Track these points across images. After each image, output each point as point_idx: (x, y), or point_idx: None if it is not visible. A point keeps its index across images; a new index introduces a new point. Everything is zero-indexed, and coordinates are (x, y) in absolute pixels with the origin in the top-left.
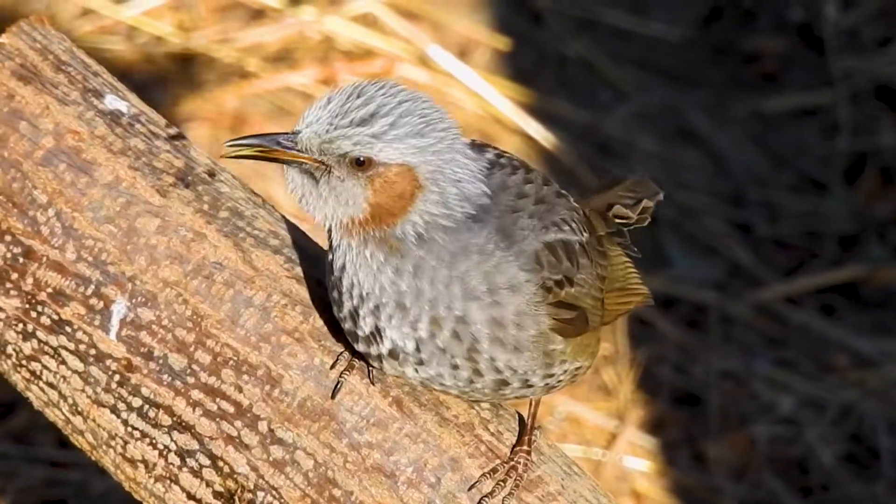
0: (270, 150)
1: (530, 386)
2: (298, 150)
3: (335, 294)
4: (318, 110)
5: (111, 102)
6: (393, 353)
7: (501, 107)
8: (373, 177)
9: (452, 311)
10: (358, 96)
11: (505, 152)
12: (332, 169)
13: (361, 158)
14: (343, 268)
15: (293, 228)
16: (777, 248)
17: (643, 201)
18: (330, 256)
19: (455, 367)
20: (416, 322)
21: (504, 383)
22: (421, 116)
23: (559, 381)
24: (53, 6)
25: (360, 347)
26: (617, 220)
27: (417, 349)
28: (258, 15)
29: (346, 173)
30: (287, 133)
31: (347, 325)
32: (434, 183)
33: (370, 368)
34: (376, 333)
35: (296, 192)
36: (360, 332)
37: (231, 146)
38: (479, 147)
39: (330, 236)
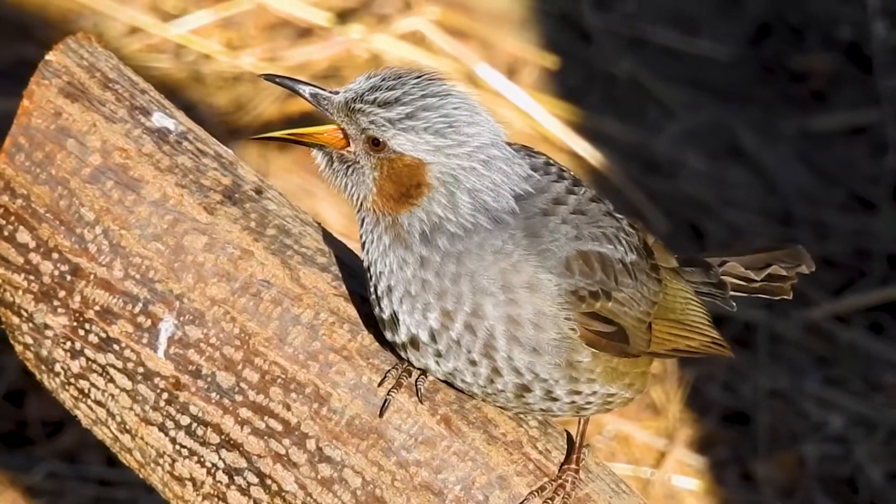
0: (300, 134)
1: (555, 399)
2: (326, 109)
3: (368, 275)
4: (358, 83)
5: (158, 120)
6: (413, 342)
7: (549, 125)
8: (384, 160)
9: (462, 306)
10: (395, 78)
11: (559, 166)
12: (351, 143)
13: (378, 139)
14: (364, 244)
15: (340, 246)
16: (826, 267)
17: (771, 267)
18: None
19: (473, 362)
20: (426, 311)
21: (526, 389)
22: (444, 115)
23: (588, 403)
24: (101, 24)
25: (388, 335)
26: (732, 279)
27: (433, 339)
28: (306, 33)
29: (363, 150)
30: (326, 91)
31: (376, 310)
32: (443, 185)
33: (418, 386)
34: (394, 317)
35: (319, 163)
36: (383, 315)
37: (268, 76)
38: (528, 153)
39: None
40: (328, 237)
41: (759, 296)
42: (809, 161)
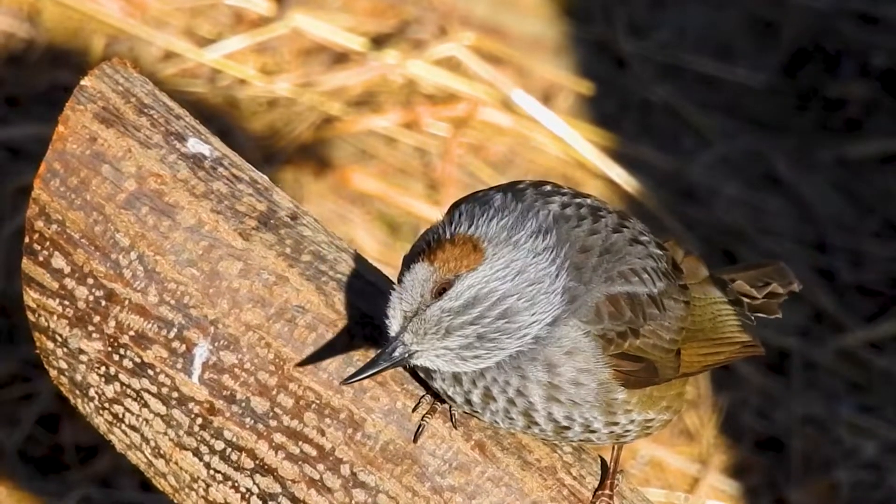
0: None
1: (593, 431)
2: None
3: None
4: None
5: (194, 146)
6: (469, 401)
7: (584, 151)
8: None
9: (507, 391)
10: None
11: (573, 195)
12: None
13: (439, 288)
14: None
15: (376, 272)
16: (860, 294)
17: (771, 285)
18: None
19: (510, 418)
20: (469, 392)
21: (565, 428)
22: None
23: (627, 431)
24: (136, 49)
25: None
26: (740, 295)
27: (468, 402)
28: (341, 58)
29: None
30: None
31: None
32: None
33: (452, 412)
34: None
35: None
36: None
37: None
38: (544, 197)
39: None
40: (363, 263)
41: (756, 314)
42: (844, 189)
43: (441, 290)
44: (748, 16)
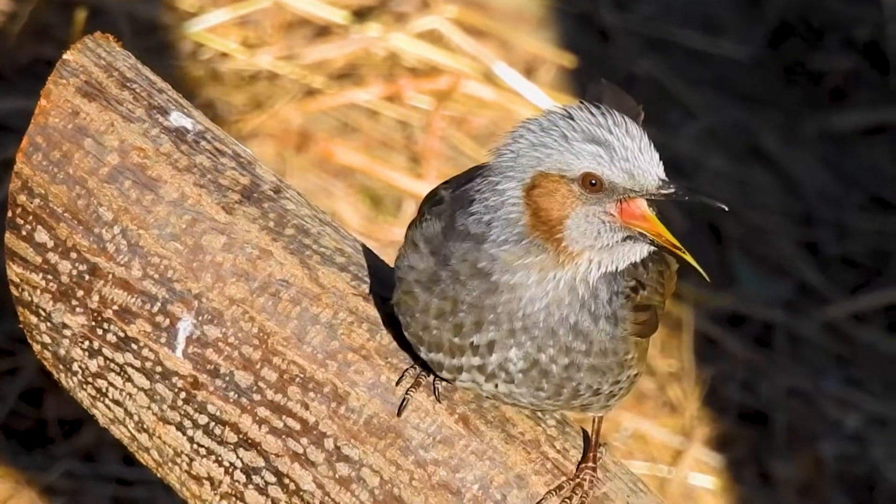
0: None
1: (598, 394)
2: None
3: (448, 305)
4: (645, 155)
5: (176, 119)
6: (483, 369)
7: None
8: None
9: (583, 345)
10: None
11: None
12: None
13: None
14: (521, 288)
15: (359, 245)
16: (845, 267)
17: None
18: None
19: (539, 389)
20: (549, 347)
21: (577, 396)
22: None
23: (621, 389)
24: (119, 23)
25: (438, 356)
26: None
27: (523, 370)
28: (323, 32)
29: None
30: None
31: (440, 337)
32: None
33: (436, 385)
34: (486, 347)
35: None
36: (460, 342)
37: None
38: None
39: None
40: (347, 237)
41: None
42: (830, 162)
43: None
44: None
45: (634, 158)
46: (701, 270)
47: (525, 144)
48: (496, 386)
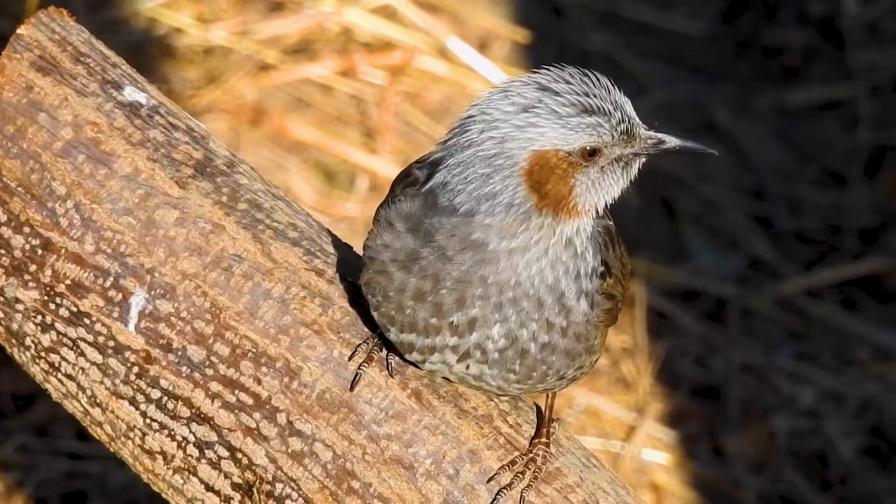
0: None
1: (562, 378)
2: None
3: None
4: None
5: (130, 94)
6: (457, 349)
7: None
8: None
9: (564, 321)
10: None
11: None
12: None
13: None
14: (519, 252)
15: (312, 221)
16: (798, 242)
17: None
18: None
19: (511, 370)
20: (532, 321)
21: (543, 380)
22: None
23: (581, 373)
24: None
25: (410, 337)
26: None
27: (502, 349)
28: (277, 7)
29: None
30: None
31: (416, 317)
32: None
33: (389, 360)
34: (467, 326)
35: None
36: (438, 322)
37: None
38: None
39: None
40: (300, 211)
41: None
42: (783, 136)
43: None
44: None
45: (628, 120)
46: (710, 151)
47: (509, 127)
48: (468, 367)
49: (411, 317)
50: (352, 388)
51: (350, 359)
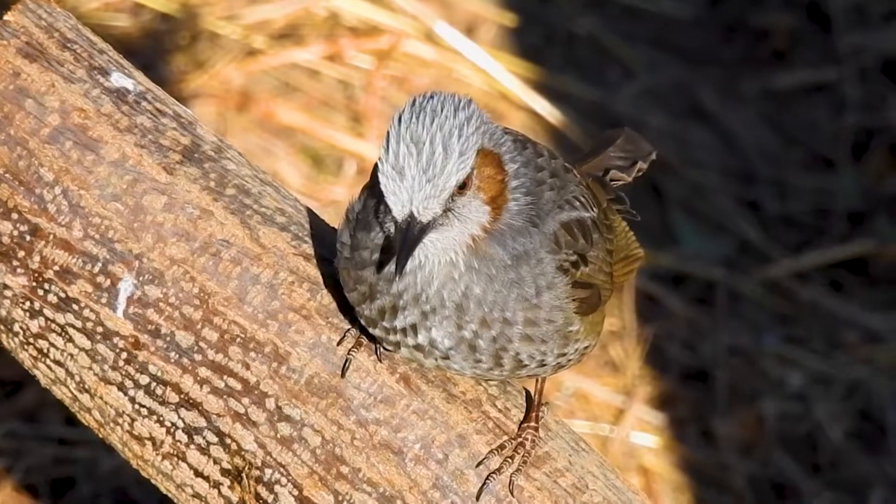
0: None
1: (544, 365)
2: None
3: (366, 289)
4: (400, 185)
5: (117, 80)
6: (419, 347)
7: (508, 83)
8: (477, 183)
9: (504, 314)
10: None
11: (505, 128)
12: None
13: (461, 182)
14: (415, 272)
15: (300, 205)
16: (786, 225)
17: (638, 163)
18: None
19: (478, 361)
20: (468, 323)
21: (522, 367)
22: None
23: (569, 361)
24: None
25: (377, 332)
26: (613, 183)
27: (451, 347)
28: None
29: (460, 202)
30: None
31: (371, 315)
32: (513, 191)
33: (377, 345)
34: (410, 329)
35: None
36: (388, 325)
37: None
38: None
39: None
40: (288, 196)
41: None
42: (770, 120)
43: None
44: None
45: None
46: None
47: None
48: (436, 359)
49: (369, 316)
50: (343, 375)
51: (339, 344)
